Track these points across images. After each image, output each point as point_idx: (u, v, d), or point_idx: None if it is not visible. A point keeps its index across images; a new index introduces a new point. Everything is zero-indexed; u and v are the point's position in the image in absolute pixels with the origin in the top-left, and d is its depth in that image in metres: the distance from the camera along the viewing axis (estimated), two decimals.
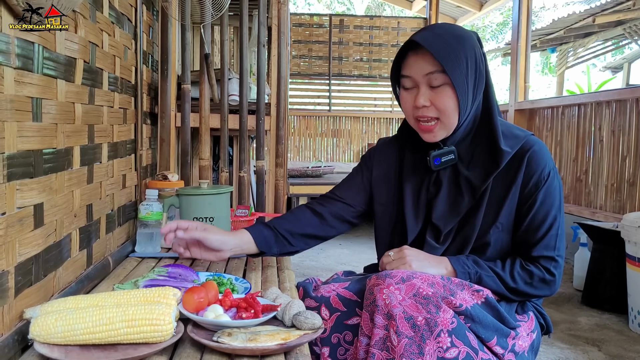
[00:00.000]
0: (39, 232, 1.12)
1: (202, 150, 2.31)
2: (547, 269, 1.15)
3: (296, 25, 7.08)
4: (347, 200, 1.35)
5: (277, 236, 1.31)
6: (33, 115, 1.08)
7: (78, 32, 1.33)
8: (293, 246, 1.33)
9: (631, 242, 2.36)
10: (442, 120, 1.16)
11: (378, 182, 1.33)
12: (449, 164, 1.20)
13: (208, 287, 1.09)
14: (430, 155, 1.20)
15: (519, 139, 1.18)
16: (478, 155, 1.20)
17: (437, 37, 1.13)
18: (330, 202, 1.36)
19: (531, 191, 1.16)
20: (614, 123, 3.33)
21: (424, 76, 1.14)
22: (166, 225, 1.26)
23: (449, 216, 1.19)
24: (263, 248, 1.30)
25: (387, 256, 1.19)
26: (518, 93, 4.48)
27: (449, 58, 1.11)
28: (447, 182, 1.21)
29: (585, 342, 2.26)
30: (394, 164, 1.33)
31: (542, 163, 1.16)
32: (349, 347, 1.14)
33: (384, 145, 1.37)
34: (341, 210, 1.35)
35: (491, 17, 15.80)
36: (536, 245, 1.16)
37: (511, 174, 1.17)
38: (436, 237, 1.21)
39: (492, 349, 1.07)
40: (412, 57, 1.16)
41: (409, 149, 1.30)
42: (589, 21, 6.35)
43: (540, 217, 1.16)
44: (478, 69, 1.16)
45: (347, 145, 7.30)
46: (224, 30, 2.31)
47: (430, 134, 1.19)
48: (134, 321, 0.92)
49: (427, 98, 1.15)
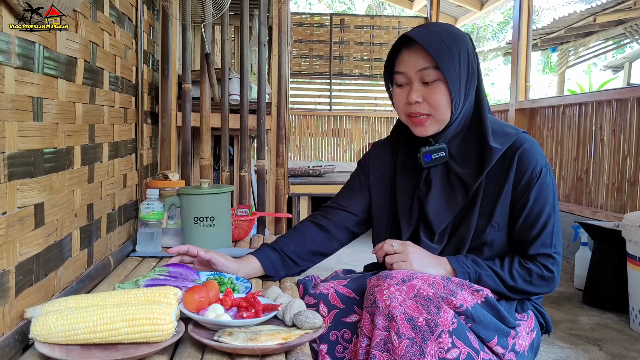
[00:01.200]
0: (39, 231, 1.12)
1: (203, 149, 2.31)
2: (545, 266, 1.15)
3: (297, 24, 7.08)
4: (350, 208, 1.35)
5: (284, 259, 1.33)
6: (34, 115, 1.08)
7: (79, 31, 1.33)
8: (299, 266, 1.35)
9: (632, 242, 2.36)
10: (433, 116, 1.17)
11: (375, 186, 1.34)
12: (439, 162, 1.20)
13: (209, 286, 1.09)
14: (420, 152, 1.20)
15: (510, 137, 1.19)
16: (469, 153, 1.20)
17: (431, 33, 1.14)
18: (334, 213, 1.36)
19: (524, 189, 1.16)
20: (615, 122, 3.33)
21: (417, 72, 1.15)
22: (176, 247, 1.33)
23: (442, 215, 1.19)
24: (270, 273, 1.33)
25: (390, 245, 1.18)
26: (519, 92, 4.48)
27: (442, 54, 1.12)
28: (438, 180, 1.22)
29: (586, 341, 2.26)
30: (389, 166, 1.33)
31: (533, 160, 1.17)
32: (347, 345, 1.14)
33: (378, 148, 1.38)
34: (345, 220, 1.35)
35: (492, 16, 15.79)
36: (533, 243, 1.16)
37: (503, 172, 1.18)
38: (430, 236, 1.21)
39: (493, 348, 1.07)
40: (406, 53, 1.17)
41: (401, 148, 1.30)
42: (590, 20, 6.34)
43: (535, 215, 1.16)
44: (470, 67, 1.17)
45: (348, 145, 7.30)
46: (224, 29, 2.31)
47: (421, 127, 1.19)
48: (135, 321, 0.92)
49: (420, 94, 1.16)
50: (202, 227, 1.65)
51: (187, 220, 1.68)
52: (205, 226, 1.65)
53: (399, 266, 1.14)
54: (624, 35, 7.09)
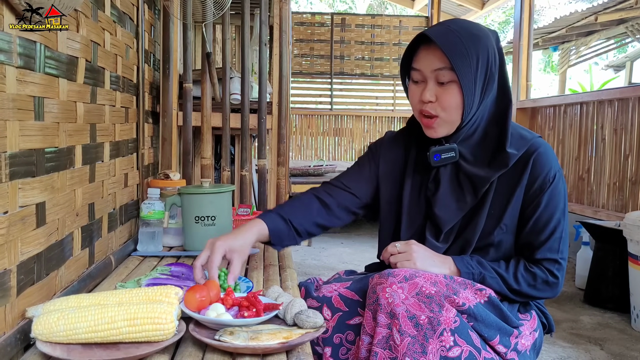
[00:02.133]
0: (40, 231, 1.12)
1: (204, 149, 2.31)
2: (551, 272, 1.14)
3: (298, 24, 7.07)
4: (354, 190, 1.33)
5: (290, 230, 1.28)
6: (35, 114, 1.08)
7: (80, 31, 1.33)
8: (301, 238, 1.31)
9: (633, 241, 2.35)
10: (442, 117, 1.16)
11: (384, 178, 1.32)
12: (449, 162, 1.19)
13: (210, 285, 1.08)
14: (430, 151, 1.19)
15: (526, 141, 1.17)
16: (483, 155, 1.19)
17: (450, 33, 1.12)
18: (337, 192, 1.33)
19: (536, 193, 1.15)
20: (617, 122, 3.33)
21: (433, 71, 1.13)
22: (198, 260, 1.18)
23: (449, 214, 1.19)
24: (275, 241, 1.27)
25: (393, 247, 1.18)
26: (520, 92, 4.47)
27: (458, 55, 1.10)
28: (447, 180, 1.21)
29: (588, 341, 2.26)
30: (400, 161, 1.32)
31: (547, 165, 1.15)
32: (350, 347, 1.13)
33: (392, 140, 1.36)
34: (347, 200, 1.33)
35: (493, 15, 15.76)
36: (540, 247, 1.15)
37: (516, 175, 1.16)
38: (436, 235, 1.20)
39: (495, 347, 1.07)
40: (423, 51, 1.15)
41: (414, 146, 1.29)
42: (591, 19, 6.33)
43: (544, 220, 1.15)
44: (489, 70, 1.14)
45: (349, 144, 7.29)
46: (225, 29, 2.31)
47: (431, 130, 1.18)
48: (136, 320, 0.92)
49: (434, 93, 1.14)
50: (203, 226, 1.65)
51: (188, 220, 1.68)
52: (206, 225, 1.65)
53: (402, 265, 1.14)
54: (625, 35, 7.08)
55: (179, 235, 1.78)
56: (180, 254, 1.66)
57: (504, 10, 15.15)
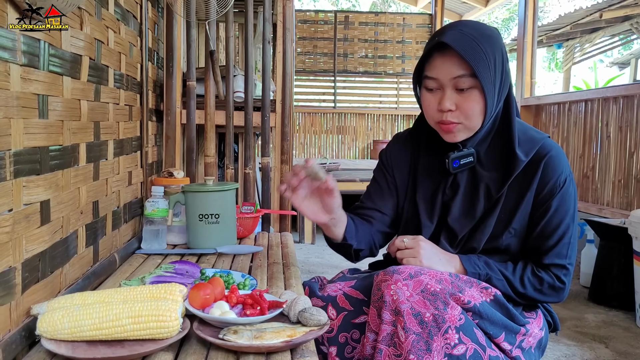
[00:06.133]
0: (45, 228, 1.12)
1: (208, 147, 2.31)
2: (558, 277, 1.13)
3: (301, 21, 7.07)
4: (382, 209, 1.29)
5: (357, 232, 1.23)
6: (39, 112, 1.09)
7: (83, 29, 1.33)
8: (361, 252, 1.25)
9: (638, 239, 2.34)
10: (464, 124, 1.12)
11: (401, 185, 1.29)
12: (467, 167, 1.17)
13: (214, 283, 1.09)
14: (449, 158, 1.15)
15: (535, 142, 1.15)
16: (495, 158, 1.17)
17: (466, 37, 1.07)
18: (373, 215, 1.28)
19: (546, 197, 1.14)
20: (622, 119, 3.31)
21: (451, 79, 1.09)
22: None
23: (465, 219, 1.17)
24: (348, 234, 1.19)
25: (401, 241, 1.16)
26: (524, 89, 4.45)
27: (479, 61, 1.06)
28: (465, 185, 1.18)
29: (592, 339, 2.25)
30: (409, 167, 1.29)
31: (558, 169, 1.14)
32: (356, 345, 1.13)
33: (399, 145, 1.32)
34: (381, 220, 1.28)
35: (497, 12, 15.71)
36: (548, 252, 1.14)
37: (527, 179, 1.15)
38: (451, 240, 1.19)
39: (500, 345, 1.06)
40: (439, 58, 1.10)
41: (423, 149, 1.26)
42: (596, 16, 6.30)
43: (554, 225, 1.13)
44: (504, 69, 1.12)
45: (353, 142, 7.29)
46: (229, 27, 2.31)
47: (450, 134, 1.14)
48: (141, 317, 0.92)
49: (454, 102, 1.10)
50: (207, 224, 1.65)
51: (192, 218, 1.68)
52: (210, 223, 1.65)
53: (408, 262, 1.13)
54: (630, 32, 7.05)
55: (183, 233, 1.78)
56: (184, 252, 1.67)
57: (507, 7, 15.10)
